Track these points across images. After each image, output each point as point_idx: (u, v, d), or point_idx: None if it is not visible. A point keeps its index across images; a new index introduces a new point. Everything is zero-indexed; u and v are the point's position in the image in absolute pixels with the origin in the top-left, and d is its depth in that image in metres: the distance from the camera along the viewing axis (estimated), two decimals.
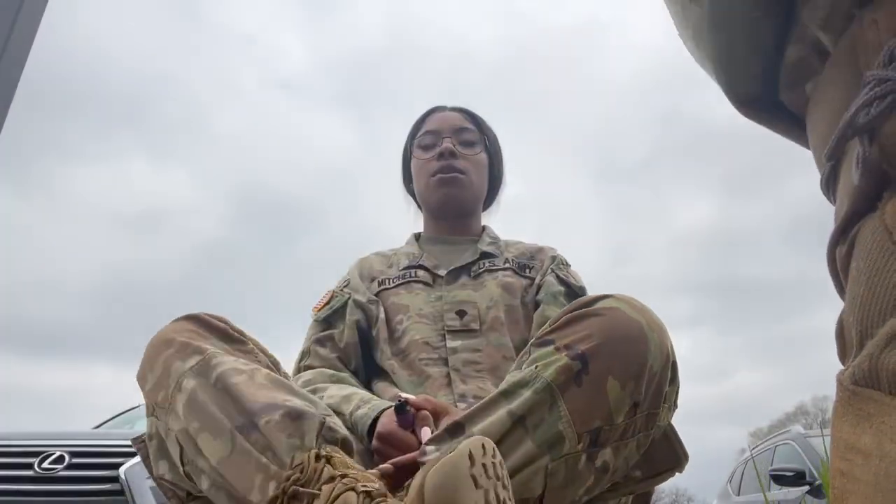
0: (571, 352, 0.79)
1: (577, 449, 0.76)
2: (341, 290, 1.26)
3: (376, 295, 1.23)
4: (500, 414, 0.77)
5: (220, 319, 0.91)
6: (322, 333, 1.19)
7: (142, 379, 0.89)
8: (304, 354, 1.18)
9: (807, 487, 4.48)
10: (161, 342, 0.87)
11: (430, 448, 0.78)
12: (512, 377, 0.83)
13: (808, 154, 0.56)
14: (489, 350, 1.10)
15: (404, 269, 1.26)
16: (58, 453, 2.08)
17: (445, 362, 1.08)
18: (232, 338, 0.90)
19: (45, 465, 2.04)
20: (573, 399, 0.77)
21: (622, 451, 0.81)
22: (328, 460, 0.70)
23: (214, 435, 0.75)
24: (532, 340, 0.87)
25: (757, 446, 6.23)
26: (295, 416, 0.74)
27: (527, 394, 0.78)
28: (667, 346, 0.82)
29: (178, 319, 0.91)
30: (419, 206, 1.38)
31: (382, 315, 1.18)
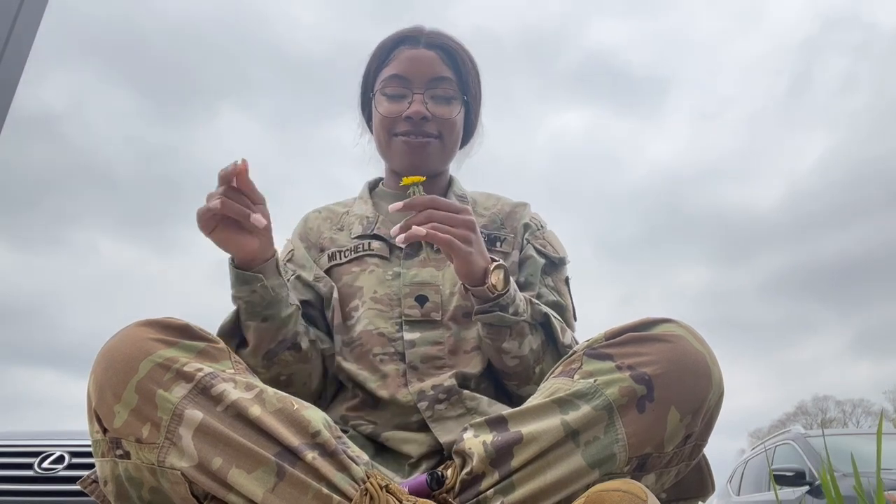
0: (635, 373, 0.76)
1: (622, 470, 0.75)
2: (284, 263, 1.11)
3: (327, 271, 1.08)
4: (553, 422, 0.74)
5: (178, 321, 0.81)
6: None
7: (104, 409, 0.74)
8: None
9: (807, 487, 4.47)
10: (123, 360, 0.75)
11: (467, 435, 0.77)
12: (563, 385, 0.79)
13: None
14: (451, 343, 1.00)
15: (357, 237, 1.10)
16: (58, 453, 2.08)
17: (402, 357, 0.98)
18: (199, 336, 0.81)
19: (45, 465, 2.04)
20: (632, 423, 0.75)
21: (663, 478, 0.80)
22: (387, 489, 0.70)
23: (249, 469, 0.69)
24: (583, 348, 0.83)
25: (757, 446, 6.22)
26: (338, 452, 0.72)
27: (585, 408, 0.75)
28: (723, 380, 0.81)
29: (131, 326, 0.79)
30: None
31: (336, 295, 1.05)
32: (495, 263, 0.92)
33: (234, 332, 0.96)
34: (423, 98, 1.07)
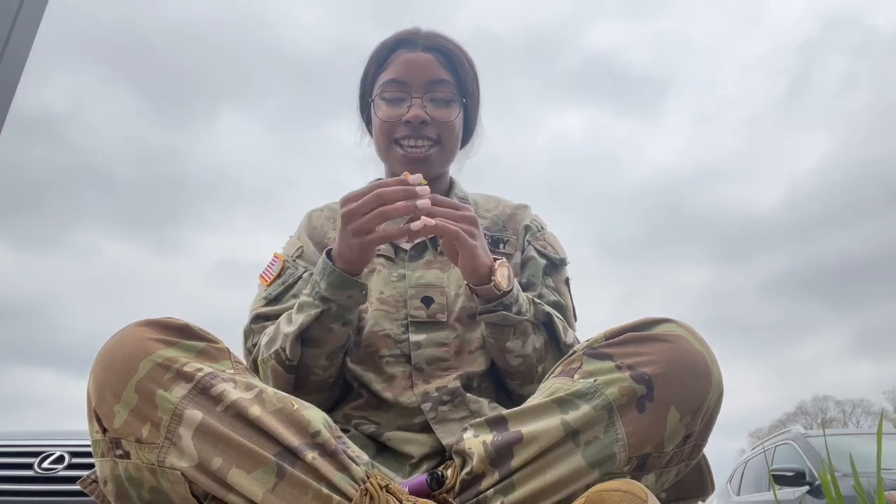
0: (635, 373, 0.77)
1: (622, 470, 0.75)
2: (294, 260, 1.11)
3: None
4: (553, 421, 0.74)
5: (178, 321, 0.81)
6: (266, 309, 1.04)
7: (103, 409, 0.74)
8: (247, 335, 1.05)
9: (807, 487, 4.48)
10: (123, 360, 0.75)
11: (467, 434, 0.77)
12: (563, 384, 0.79)
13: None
14: (456, 344, 1.00)
15: None
16: (58, 453, 2.08)
17: (408, 359, 0.99)
18: (199, 335, 0.80)
19: (45, 465, 2.04)
20: (632, 423, 0.75)
21: (663, 478, 0.80)
22: (387, 489, 0.70)
23: (249, 469, 0.69)
24: (583, 347, 0.83)
25: (757, 446, 6.22)
26: (338, 452, 0.72)
27: (585, 408, 0.75)
28: (722, 380, 0.81)
29: (130, 326, 0.79)
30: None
31: None
32: (499, 261, 0.93)
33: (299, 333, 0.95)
34: (421, 102, 1.07)
